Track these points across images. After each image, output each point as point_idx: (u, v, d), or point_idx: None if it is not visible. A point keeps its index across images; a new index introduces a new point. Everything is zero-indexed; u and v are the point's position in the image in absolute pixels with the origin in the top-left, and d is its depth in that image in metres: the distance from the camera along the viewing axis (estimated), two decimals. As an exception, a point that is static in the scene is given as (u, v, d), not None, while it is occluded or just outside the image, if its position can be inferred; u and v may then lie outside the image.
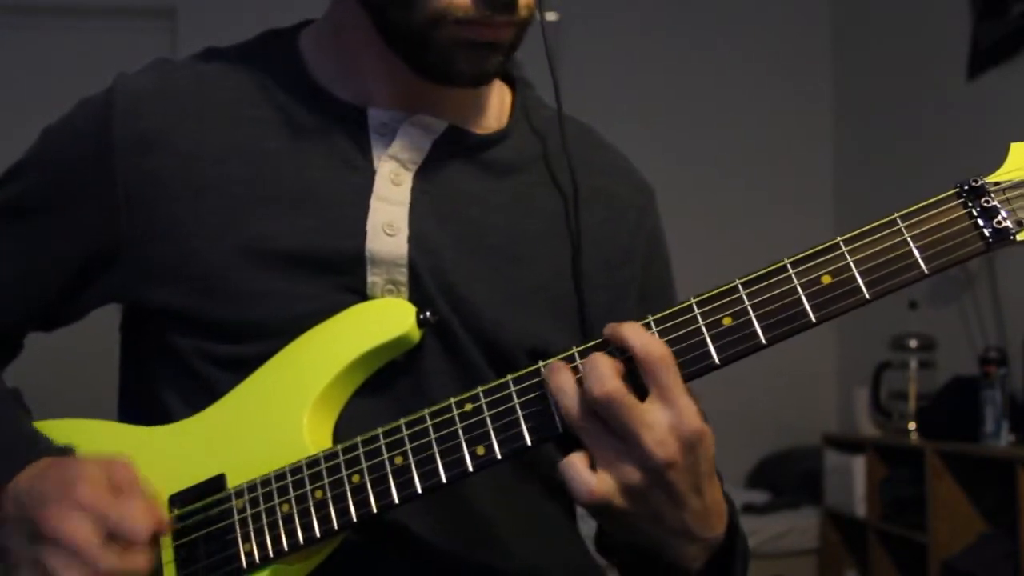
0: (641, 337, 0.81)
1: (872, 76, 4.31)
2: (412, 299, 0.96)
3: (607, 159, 1.13)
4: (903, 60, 4.08)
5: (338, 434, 0.95)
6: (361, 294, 0.96)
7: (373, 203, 0.97)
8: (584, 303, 1.03)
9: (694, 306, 0.83)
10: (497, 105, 1.08)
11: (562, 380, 0.82)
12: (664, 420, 0.79)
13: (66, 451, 0.95)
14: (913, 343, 3.61)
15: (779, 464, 4.30)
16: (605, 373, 0.79)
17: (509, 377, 0.86)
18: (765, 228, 4.31)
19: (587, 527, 1.16)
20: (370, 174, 0.99)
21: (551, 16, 4.06)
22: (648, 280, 1.09)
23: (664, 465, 0.78)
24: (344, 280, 0.96)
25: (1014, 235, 0.80)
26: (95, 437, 1.00)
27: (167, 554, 0.92)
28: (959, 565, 3.03)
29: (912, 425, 3.51)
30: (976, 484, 3.13)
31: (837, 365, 4.49)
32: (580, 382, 0.81)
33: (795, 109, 4.55)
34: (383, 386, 0.96)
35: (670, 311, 0.84)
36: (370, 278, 0.96)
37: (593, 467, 0.80)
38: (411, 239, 0.97)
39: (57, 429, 1.01)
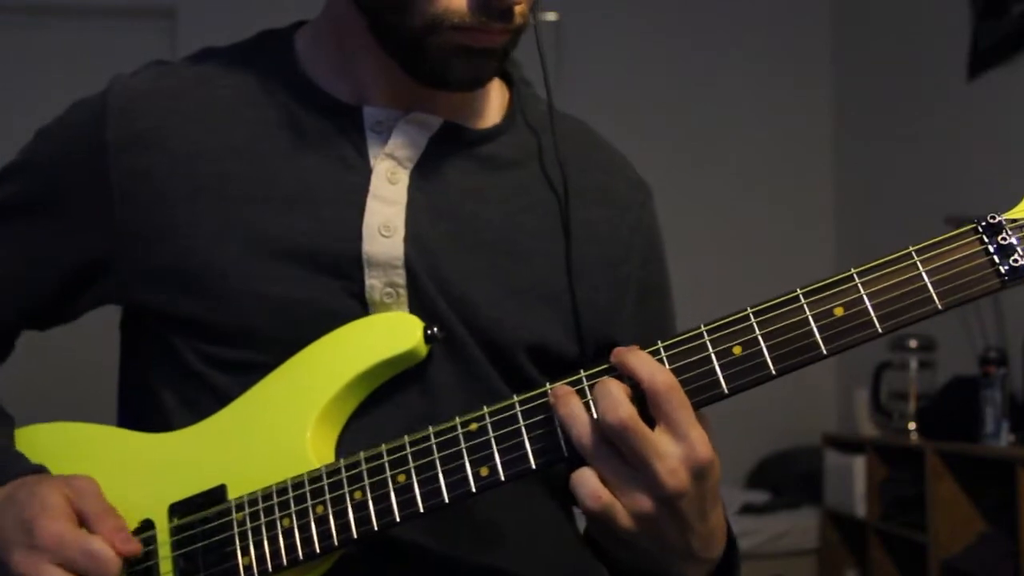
0: (648, 366, 0.80)
1: (872, 76, 4.31)
2: (412, 302, 0.96)
3: (604, 157, 1.12)
4: (903, 60, 4.07)
5: (342, 440, 0.95)
6: (360, 297, 0.96)
7: (369, 203, 0.97)
8: (578, 300, 1.02)
9: (704, 333, 0.83)
10: (493, 101, 1.07)
11: (572, 406, 0.81)
12: (676, 451, 0.79)
13: (39, 471, 0.95)
14: (913, 343, 3.60)
15: (779, 464, 4.30)
16: (619, 400, 0.79)
17: (516, 399, 0.85)
18: (765, 228, 4.32)
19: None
20: (366, 173, 0.98)
21: (551, 16, 4.08)
22: (647, 279, 1.09)
23: (675, 495, 0.79)
24: (342, 283, 0.96)
25: None
26: (90, 442, 1.00)
27: (166, 564, 0.92)
28: (959, 565, 3.03)
29: (912, 425, 3.50)
30: (976, 484, 3.13)
31: (837, 365, 4.48)
32: (590, 408, 0.81)
33: (795, 109, 4.54)
34: (388, 391, 0.96)
35: (680, 337, 0.83)
36: (368, 281, 0.96)
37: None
38: (407, 239, 0.97)
39: (56, 433, 1.02)
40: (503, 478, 0.85)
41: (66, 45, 3.98)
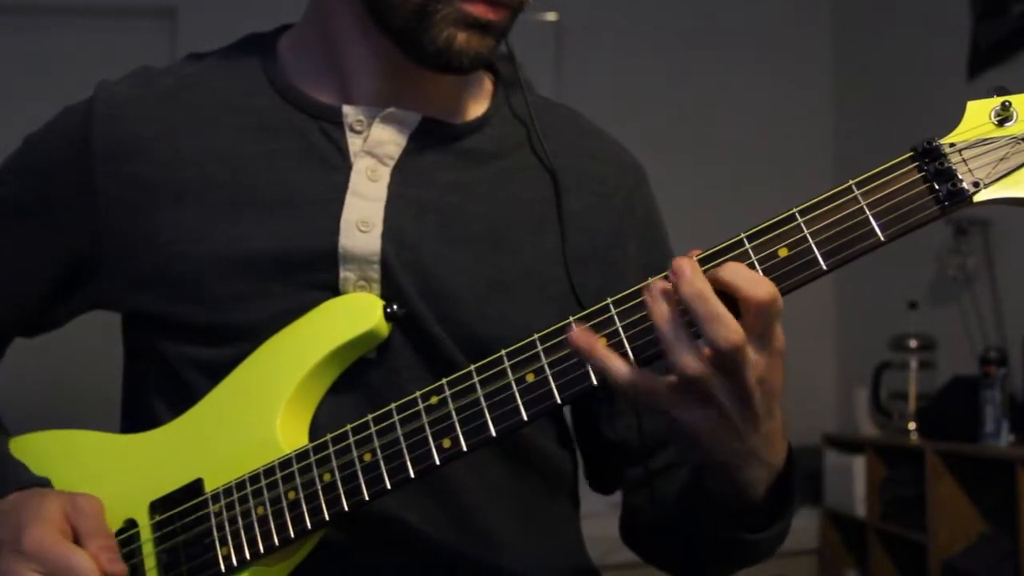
0: (746, 274, 0.79)
1: (872, 76, 4.30)
2: (383, 294, 0.96)
3: (595, 143, 1.13)
4: (903, 60, 4.07)
5: (315, 432, 0.95)
6: (334, 290, 0.96)
7: (348, 199, 0.97)
8: (575, 287, 1.02)
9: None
10: (475, 94, 1.08)
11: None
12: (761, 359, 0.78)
13: (41, 483, 0.96)
14: (913, 343, 3.60)
15: (779, 464, 4.29)
16: (732, 326, 0.77)
17: (472, 368, 0.86)
18: (765, 227, 4.30)
19: (590, 527, 1.15)
20: (347, 171, 0.99)
21: (551, 16, 4.08)
22: (649, 260, 1.09)
23: (759, 379, 0.78)
24: (317, 277, 0.96)
25: (970, 197, 0.78)
26: (78, 447, 1.01)
27: (150, 561, 0.93)
28: (959, 565, 3.02)
29: (912, 425, 3.50)
30: (976, 484, 3.12)
31: (837, 365, 4.48)
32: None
33: (795, 108, 4.54)
34: (359, 382, 0.96)
35: (625, 293, 0.83)
36: (342, 274, 0.96)
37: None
38: (385, 234, 0.97)
39: (42, 441, 1.03)
40: (465, 448, 0.85)
41: (66, 45, 3.99)
